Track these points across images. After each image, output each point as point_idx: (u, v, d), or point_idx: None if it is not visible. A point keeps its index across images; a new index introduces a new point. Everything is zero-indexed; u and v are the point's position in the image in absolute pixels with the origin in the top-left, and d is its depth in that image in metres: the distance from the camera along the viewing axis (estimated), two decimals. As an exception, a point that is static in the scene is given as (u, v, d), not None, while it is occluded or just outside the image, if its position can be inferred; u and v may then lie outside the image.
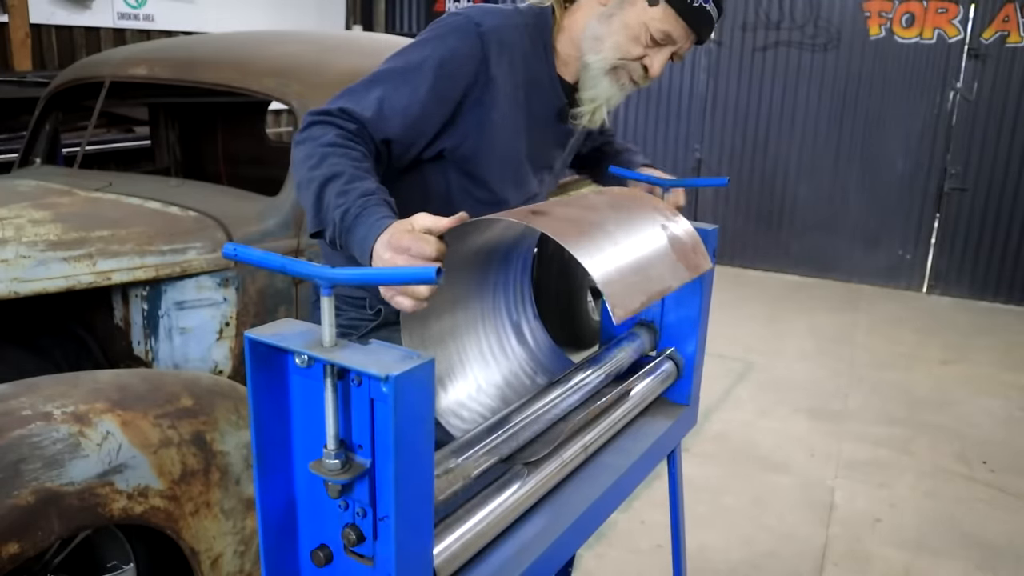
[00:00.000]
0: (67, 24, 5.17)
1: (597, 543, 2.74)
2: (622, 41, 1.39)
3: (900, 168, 6.01)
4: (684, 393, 1.59)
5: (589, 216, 1.16)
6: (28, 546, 1.36)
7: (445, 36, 1.38)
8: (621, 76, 1.43)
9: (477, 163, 1.43)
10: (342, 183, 1.17)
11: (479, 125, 1.40)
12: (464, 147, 1.41)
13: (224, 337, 2.21)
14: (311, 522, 0.89)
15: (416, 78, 1.35)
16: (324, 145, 1.23)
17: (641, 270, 1.11)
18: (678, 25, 1.38)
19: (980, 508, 3.11)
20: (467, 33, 1.37)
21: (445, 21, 1.41)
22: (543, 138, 1.52)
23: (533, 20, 1.46)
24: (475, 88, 1.38)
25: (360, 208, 1.13)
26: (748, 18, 6.23)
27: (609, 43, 1.40)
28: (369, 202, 1.14)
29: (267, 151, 3.82)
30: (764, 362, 4.53)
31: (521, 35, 1.43)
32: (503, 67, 1.40)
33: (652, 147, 6.76)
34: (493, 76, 1.39)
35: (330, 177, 1.18)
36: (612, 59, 1.41)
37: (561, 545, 1.12)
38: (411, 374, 0.77)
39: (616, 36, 1.40)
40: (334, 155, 1.22)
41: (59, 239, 2.01)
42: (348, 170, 1.19)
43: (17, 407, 1.46)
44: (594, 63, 1.42)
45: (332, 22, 7.41)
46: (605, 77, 1.43)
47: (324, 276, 0.82)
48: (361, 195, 1.15)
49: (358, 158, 1.24)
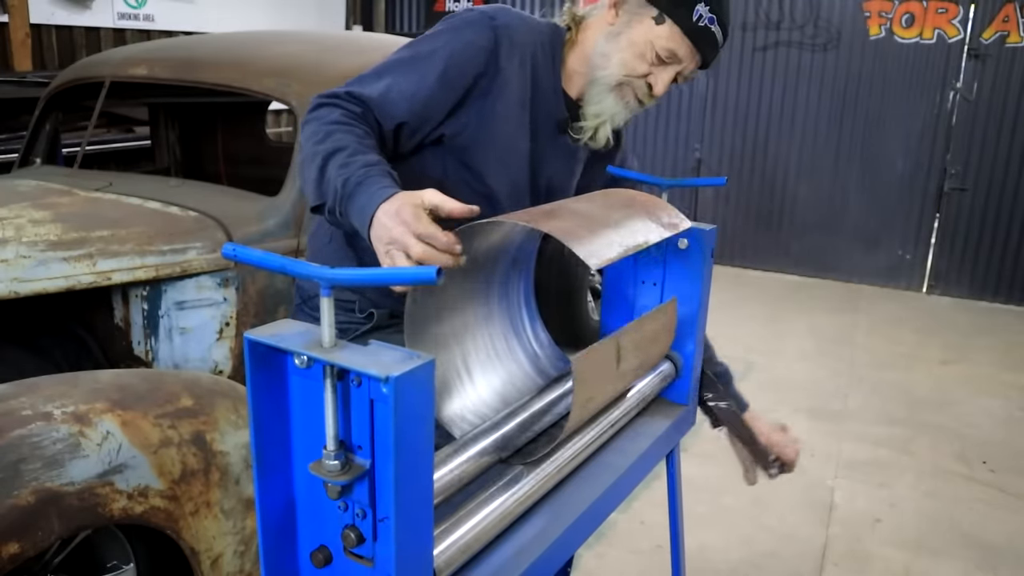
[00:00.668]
0: (67, 24, 5.17)
1: (597, 543, 2.74)
2: (628, 58, 1.42)
3: (900, 168, 6.01)
4: (683, 393, 1.59)
5: (584, 209, 1.18)
6: (28, 546, 1.36)
7: (459, 28, 1.41)
8: (626, 94, 1.46)
9: (475, 153, 1.45)
10: (345, 155, 1.19)
11: (481, 114, 1.42)
12: (464, 135, 1.43)
13: (224, 337, 2.21)
14: (310, 523, 0.89)
15: (426, 66, 1.38)
16: (329, 123, 1.26)
17: (618, 228, 1.13)
18: (683, 44, 1.41)
19: (980, 508, 3.11)
20: (481, 26, 1.41)
21: (460, 15, 1.44)
22: (542, 143, 1.52)
23: (548, 31, 1.50)
24: (484, 78, 1.41)
25: (363, 176, 1.15)
26: (748, 18, 6.23)
27: (616, 60, 1.43)
28: (371, 172, 1.16)
29: (267, 151, 3.82)
30: (764, 362, 4.53)
31: (534, 40, 1.46)
32: (513, 63, 1.43)
33: (652, 147, 6.77)
34: (502, 68, 1.42)
35: (333, 151, 1.20)
36: (618, 75, 1.44)
37: (561, 545, 1.12)
38: (411, 375, 0.77)
39: (623, 53, 1.42)
40: (339, 131, 1.24)
41: (59, 239, 2.01)
42: (352, 144, 1.21)
43: (17, 407, 1.46)
44: (601, 79, 1.45)
45: (332, 22, 7.41)
46: (610, 93, 1.45)
47: (324, 277, 0.82)
48: (364, 165, 1.17)
49: (362, 135, 1.26)
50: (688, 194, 6.57)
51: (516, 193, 1.52)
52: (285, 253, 1.94)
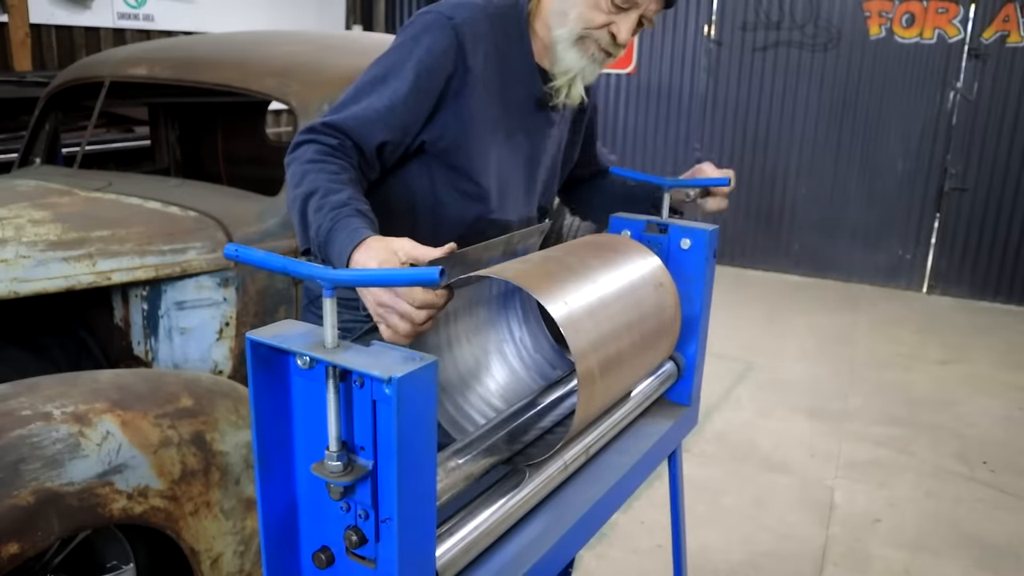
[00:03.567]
0: (67, 24, 5.16)
1: (597, 543, 2.74)
2: (584, 10, 1.41)
3: (900, 168, 6.01)
4: (685, 393, 1.59)
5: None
6: (28, 546, 1.36)
7: (419, 36, 1.41)
8: (588, 46, 1.44)
9: (458, 154, 1.45)
10: (318, 198, 1.20)
11: (458, 115, 1.43)
12: (445, 138, 1.43)
13: (224, 337, 2.20)
14: (312, 524, 0.89)
15: (396, 80, 1.38)
16: (304, 163, 1.27)
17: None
18: None
19: (980, 508, 3.11)
20: (441, 27, 1.40)
21: (418, 20, 1.43)
22: (524, 126, 1.53)
23: (505, 9, 1.48)
24: (454, 78, 1.41)
25: (332, 221, 1.16)
26: (748, 18, 6.23)
27: (573, 15, 1.42)
28: (340, 214, 1.16)
29: (267, 151, 3.82)
30: (764, 362, 4.53)
31: (493, 25, 1.45)
32: (479, 58, 1.42)
33: (652, 147, 6.77)
34: (470, 66, 1.42)
35: (309, 194, 1.22)
36: (577, 30, 1.42)
37: (563, 546, 1.12)
38: (414, 376, 0.77)
39: (578, 7, 1.41)
40: (312, 171, 1.25)
41: (59, 239, 2.00)
42: (323, 185, 1.22)
43: (17, 407, 1.46)
44: (560, 36, 1.44)
45: (332, 22, 7.41)
46: (572, 48, 1.44)
47: (326, 277, 0.82)
48: (332, 208, 1.18)
49: (335, 171, 1.27)
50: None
51: (505, 186, 1.52)
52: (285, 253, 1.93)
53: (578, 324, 1.07)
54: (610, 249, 1.32)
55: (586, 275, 1.18)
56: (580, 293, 1.12)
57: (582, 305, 1.10)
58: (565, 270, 1.16)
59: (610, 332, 1.14)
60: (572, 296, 1.10)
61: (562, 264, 1.18)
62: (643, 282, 1.29)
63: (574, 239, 1.46)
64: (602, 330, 1.12)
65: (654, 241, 1.50)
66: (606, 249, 1.32)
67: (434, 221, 1.49)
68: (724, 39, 6.34)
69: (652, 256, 1.38)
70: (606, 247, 1.33)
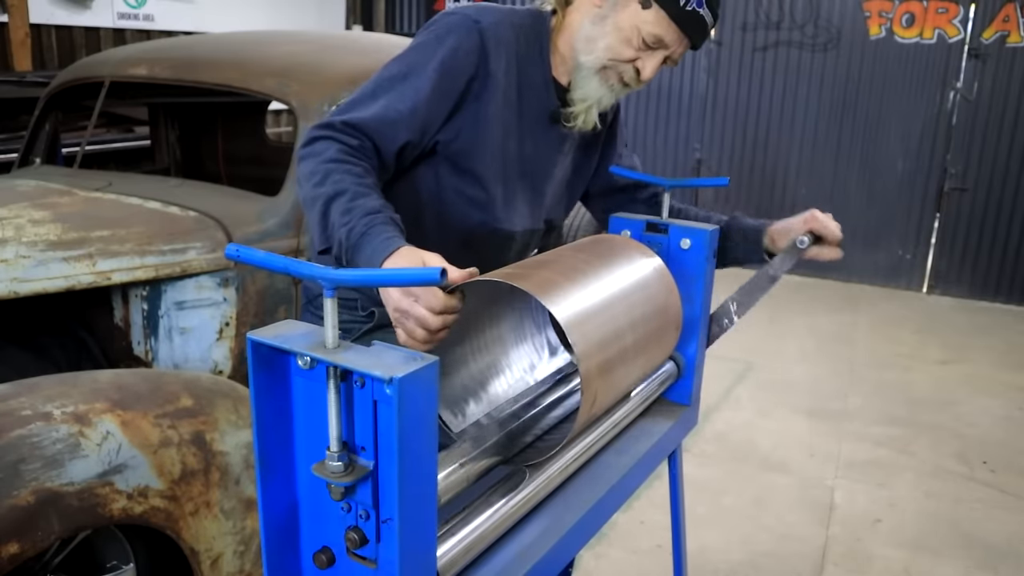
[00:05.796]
0: (67, 24, 5.16)
1: (597, 543, 2.74)
2: (614, 43, 1.40)
3: (900, 168, 6.01)
4: (685, 393, 1.59)
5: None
6: (28, 546, 1.36)
7: (444, 36, 1.38)
8: (610, 77, 1.44)
9: (469, 157, 1.43)
10: (346, 200, 1.18)
11: (475, 119, 1.41)
12: (459, 141, 1.42)
13: (224, 337, 2.20)
14: (313, 524, 0.89)
15: (419, 80, 1.36)
16: (327, 161, 1.24)
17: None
18: (671, 29, 1.38)
19: (980, 508, 3.11)
20: (467, 30, 1.38)
21: (442, 21, 1.41)
22: (535, 138, 1.52)
23: (530, 21, 1.47)
24: (475, 81, 1.39)
25: (365, 227, 1.14)
26: (748, 18, 6.23)
27: (601, 44, 1.41)
28: (375, 220, 1.15)
29: (267, 151, 3.82)
30: (764, 362, 4.53)
31: (517, 35, 1.44)
32: (500, 63, 1.41)
33: (652, 147, 6.77)
34: (491, 71, 1.40)
35: (334, 195, 1.19)
36: (603, 59, 1.41)
37: (563, 546, 1.12)
38: (415, 376, 0.77)
39: (608, 38, 1.40)
40: (337, 171, 1.22)
41: (59, 239, 2.00)
42: (352, 187, 1.20)
43: (17, 407, 1.46)
44: (585, 63, 1.43)
45: (332, 22, 7.41)
46: (595, 77, 1.43)
47: (327, 277, 0.82)
48: (365, 213, 1.16)
49: (360, 174, 1.24)
50: (689, 194, 6.56)
51: (512, 195, 1.51)
52: (285, 253, 1.94)
53: (581, 326, 1.07)
54: (611, 249, 1.32)
55: (588, 276, 1.18)
56: (583, 294, 1.12)
57: (585, 306, 1.10)
58: (568, 271, 1.16)
59: (612, 333, 1.14)
60: (575, 297, 1.10)
61: (564, 265, 1.18)
62: (644, 282, 1.29)
63: (574, 239, 1.45)
64: (605, 331, 1.12)
65: (654, 241, 1.50)
66: (607, 249, 1.32)
67: (438, 225, 1.48)
68: (724, 39, 6.34)
69: (653, 256, 1.38)
70: (607, 247, 1.33)
